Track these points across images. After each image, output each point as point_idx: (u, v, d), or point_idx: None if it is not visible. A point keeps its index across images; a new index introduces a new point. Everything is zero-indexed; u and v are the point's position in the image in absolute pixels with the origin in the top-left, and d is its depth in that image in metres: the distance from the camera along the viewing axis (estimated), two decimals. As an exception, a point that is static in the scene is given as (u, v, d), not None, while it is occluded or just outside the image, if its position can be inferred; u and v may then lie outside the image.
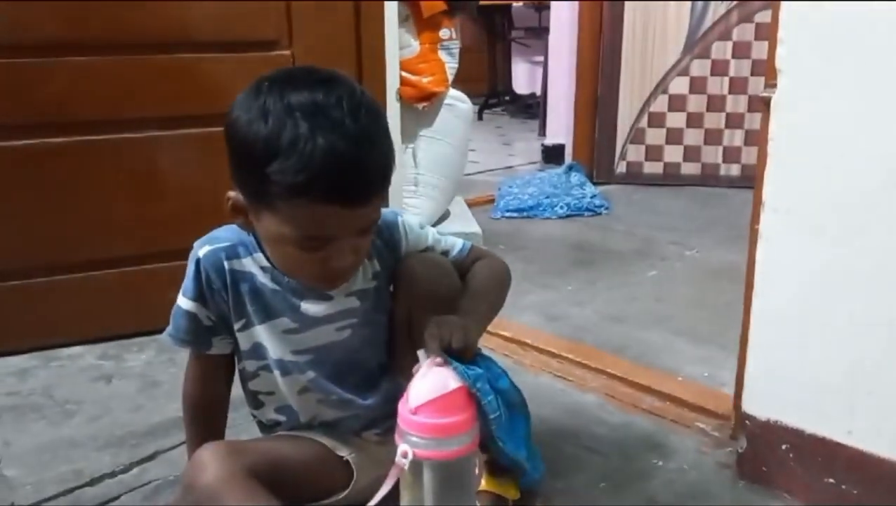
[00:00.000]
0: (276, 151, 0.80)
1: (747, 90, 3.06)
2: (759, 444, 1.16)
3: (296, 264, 0.91)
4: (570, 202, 2.85)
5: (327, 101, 0.81)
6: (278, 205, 0.83)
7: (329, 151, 0.79)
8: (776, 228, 1.10)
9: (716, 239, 2.46)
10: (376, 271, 1.01)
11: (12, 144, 1.54)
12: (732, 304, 1.27)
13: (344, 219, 0.84)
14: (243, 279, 0.96)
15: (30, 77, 1.53)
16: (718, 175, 3.18)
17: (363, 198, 0.84)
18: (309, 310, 0.97)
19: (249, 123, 0.82)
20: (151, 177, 1.66)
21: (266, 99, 0.82)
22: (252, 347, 1.00)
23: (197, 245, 0.98)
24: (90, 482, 1.18)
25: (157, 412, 1.38)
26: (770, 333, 1.14)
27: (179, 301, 0.97)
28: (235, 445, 0.96)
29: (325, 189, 0.80)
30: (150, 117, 1.64)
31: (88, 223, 1.62)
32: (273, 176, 0.80)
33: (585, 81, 3.27)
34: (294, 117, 0.80)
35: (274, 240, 0.89)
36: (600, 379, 1.51)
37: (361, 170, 0.82)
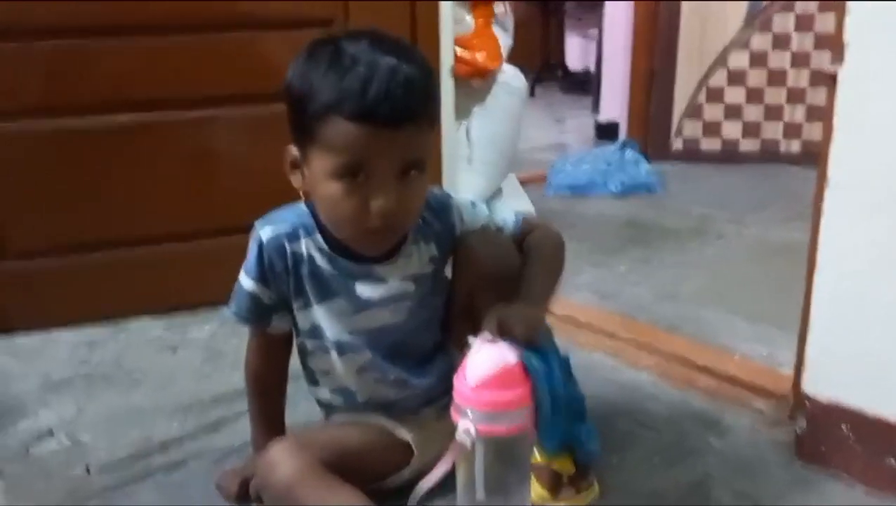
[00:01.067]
0: (314, 81, 0.87)
1: (810, 64, 2.97)
2: (818, 424, 1.15)
3: (340, 208, 0.90)
4: (625, 180, 2.81)
5: (371, 42, 0.88)
6: (318, 134, 0.88)
7: (364, 72, 0.85)
8: (840, 205, 1.08)
9: (775, 217, 2.41)
10: (433, 256, 1.03)
11: (80, 123, 1.59)
12: (791, 282, 1.25)
13: (377, 143, 0.86)
14: (302, 261, 0.99)
15: (89, 57, 1.57)
16: (779, 152, 3.11)
17: (393, 119, 0.86)
18: (363, 293, 1.00)
19: (296, 68, 0.91)
20: (211, 154, 1.70)
21: (316, 46, 0.90)
22: (310, 328, 1.03)
23: (258, 226, 1.00)
24: (160, 448, 1.23)
25: (221, 382, 1.43)
26: (832, 313, 1.12)
27: (241, 280, 1.00)
28: (302, 438, 0.99)
29: (356, 105, 0.84)
30: (209, 96, 1.67)
31: (154, 198, 1.67)
32: (313, 100, 0.87)
33: (641, 56, 3.22)
34: (337, 53, 0.87)
35: (321, 180, 0.91)
36: (654, 357, 1.50)
37: (393, 90, 0.85)
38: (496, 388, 0.85)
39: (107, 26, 1.57)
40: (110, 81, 1.59)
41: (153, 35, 1.60)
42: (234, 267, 1.73)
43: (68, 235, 1.63)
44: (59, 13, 1.53)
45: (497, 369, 0.85)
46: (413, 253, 1.02)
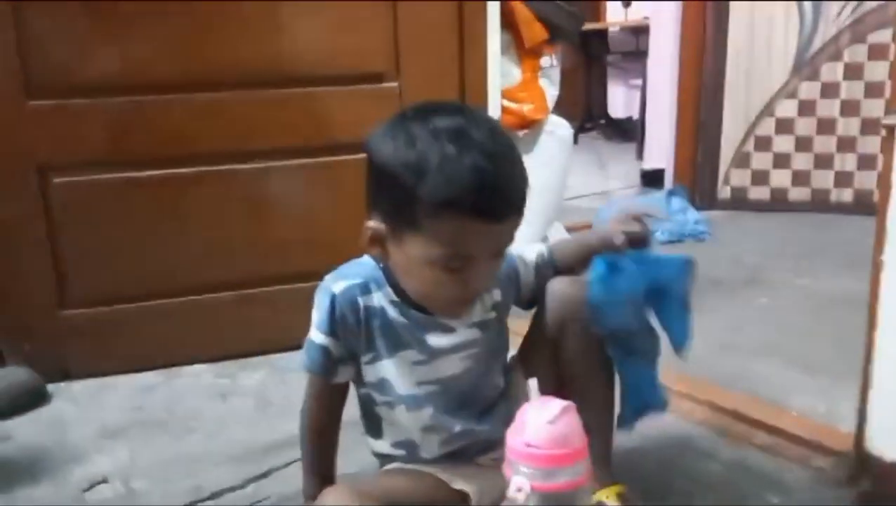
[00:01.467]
0: (425, 171, 0.85)
1: (860, 113, 2.94)
2: (883, 485, 1.11)
3: (434, 288, 0.93)
4: (672, 228, 2.79)
5: (468, 125, 0.88)
6: (424, 224, 0.87)
7: (475, 168, 0.85)
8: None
9: (829, 267, 2.36)
10: (496, 302, 1.05)
11: (140, 175, 1.65)
12: (849, 334, 1.21)
13: (486, 236, 0.89)
14: (375, 315, 0.99)
15: (154, 113, 1.64)
16: (829, 200, 3.06)
17: (504, 214, 0.88)
18: (434, 342, 1.00)
19: (396, 149, 0.88)
20: (265, 205, 1.75)
21: (410, 126, 0.88)
22: (378, 381, 1.03)
23: (329, 281, 1.01)
24: (211, 496, 1.23)
25: (271, 430, 1.43)
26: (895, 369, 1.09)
27: (313, 335, 1.01)
28: (357, 486, 0.99)
29: (472, 203, 0.85)
30: (265, 149, 1.72)
31: (208, 248, 1.72)
32: (422, 194, 0.85)
33: (687, 104, 3.22)
34: (440, 140, 0.86)
35: (415, 264, 0.91)
36: (708, 412, 1.47)
37: (503, 187, 0.87)
38: (552, 443, 0.84)
39: (169, 83, 1.64)
40: (171, 135, 1.65)
41: (212, 91, 1.66)
42: (284, 315, 1.76)
43: (126, 284, 1.68)
44: (126, 70, 1.60)
45: (553, 425, 0.84)
46: (477, 301, 1.03)
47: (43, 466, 1.33)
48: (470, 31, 1.81)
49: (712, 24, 3.10)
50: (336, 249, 1.77)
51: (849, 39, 2.91)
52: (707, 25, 3.10)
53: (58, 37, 1.55)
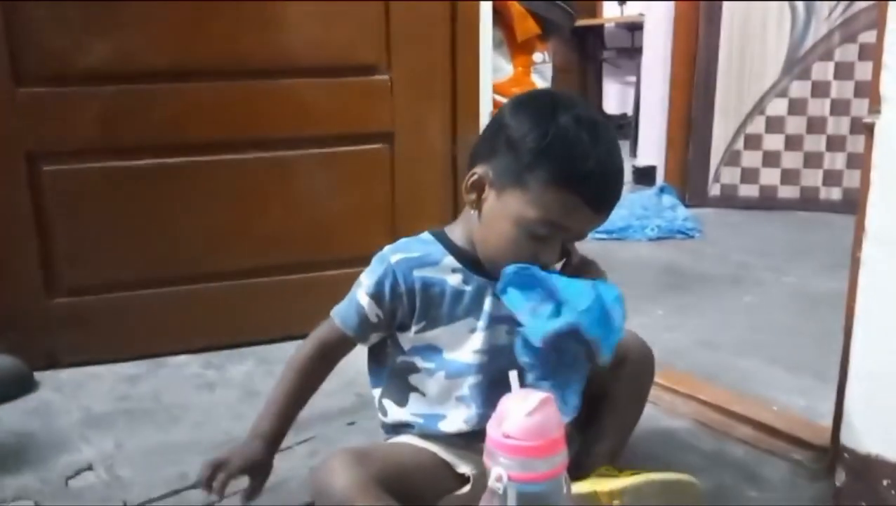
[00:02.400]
0: (558, 144, 0.93)
1: (850, 112, 2.96)
2: (857, 478, 1.12)
3: (508, 245, 0.98)
4: (662, 224, 2.81)
5: (602, 124, 0.98)
6: (533, 187, 0.94)
7: (602, 160, 0.94)
8: (879, 257, 1.07)
9: (815, 266, 2.38)
10: None
11: (130, 164, 1.65)
12: (832, 333, 1.23)
13: (582, 220, 0.97)
14: (434, 284, 1.03)
15: (146, 102, 1.64)
16: (818, 199, 3.08)
17: (607, 208, 0.98)
18: (490, 308, 1.04)
19: (538, 116, 0.96)
20: (256, 196, 1.75)
21: (556, 104, 0.97)
22: (424, 348, 1.06)
23: (388, 251, 1.05)
24: (194, 485, 1.23)
25: (256, 421, 1.44)
26: (872, 364, 1.10)
27: (357, 295, 1.05)
28: (362, 452, 0.99)
29: (592, 188, 0.94)
30: (256, 139, 1.72)
31: (197, 239, 1.72)
32: (550, 164, 0.93)
33: (679, 102, 3.23)
34: (580, 126, 0.94)
35: (505, 217, 0.97)
36: (691, 405, 1.48)
37: (618, 186, 0.98)
38: (530, 435, 0.85)
39: (162, 71, 1.64)
40: (162, 124, 1.65)
41: (204, 80, 1.66)
42: (273, 306, 1.78)
43: (115, 273, 1.68)
44: (118, 58, 1.60)
45: (532, 416, 0.85)
46: None
47: (28, 453, 1.33)
48: (462, 25, 1.82)
49: (705, 23, 3.11)
50: (327, 241, 1.80)
51: (840, 39, 2.93)
52: (700, 23, 3.12)
53: (48, 23, 1.54)
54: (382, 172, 1.80)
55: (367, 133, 1.78)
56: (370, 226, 1.81)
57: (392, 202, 1.81)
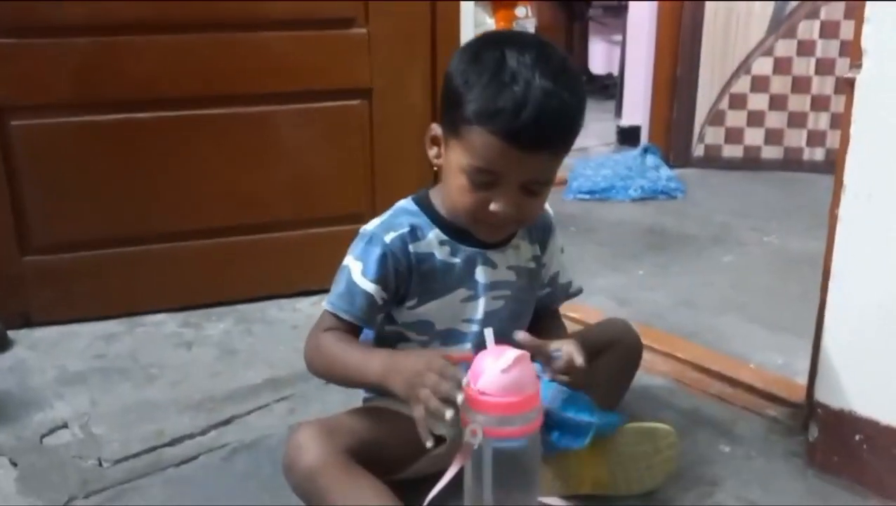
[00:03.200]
0: (475, 85, 0.91)
1: (835, 71, 2.94)
2: (831, 433, 1.14)
3: (461, 197, 0.97)
4: (645, 185, 2.80)
5: (536, 59, 0.91)
6: (464, 132, 0.93)
7: (520, 93, 0.89)
8: (857, 213, 1.07)
9: (796, 225, 2.38)
10: (536, 255, 1.11)
11: (106, 119, 1.61)
12: (811, 292, 1.23)
13: (513, 161, 0.92)
14: (425, 259, 1.03)
15: (120, 55, 1.59)
16: (801, 159, 3.07)
17: (535, 144, 0.92)
18: (480, 277, 1.05)
19: (462, 62, 0.95)
20: (233, 152, 1.71)
21: (484, 46, 0.95)
22: (418, 322, 1.06)
23: (379, 230, 1.03)
24: (171, 442, 1.24)
25: (234, 379, 1.44)
26: (846, 321, 1.11)
27: (358, 281, 1.01)
28: (331, 424, 0.99)
29: (505, 123, 0.89)
30: (233, 95, 1.69)
31: (174, 196, 1.69)
32: (467, 103, 0.92)
33: (664, 61, 3.19)
34: (502, 62, 0.91)
35: (453, 169, 0.97)
36: (669, 363, 1.49)
37: (542, 119, 0.90)
38: (505, 391, 0.85)
39: (136, 24, 1.59)
40: (136, 78, 1.61)
41: (179, 33, 1.61)
42: (251, 265, 1.76)
43: (90, 231, 1.66)
44: (92, 10, 1.55)
45: (507, 373, 0.85)
46: (521, 246, 1.09)
47: (2, 411, 1.32)
48: (443, -22, 1.78)
49: (692, -20, 3.06)
50: (305, 199, 1.78)
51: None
52: (686, -19, 3.07)
53: (16, -27, 1.49)
54: (361, 129, 1.77)
55: (344, 89, 1.74)
56: (349, 184, 1.79)
57: (371, 160, 1.78)
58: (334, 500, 0.91)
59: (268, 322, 1.69)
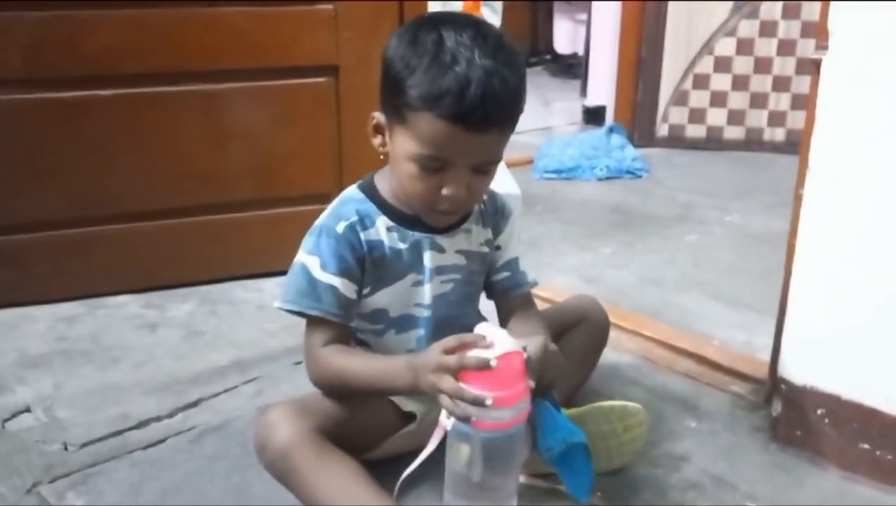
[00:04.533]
0: (416, 69, 0.90)
1: (796, 52, 2.98)
2: (794, 408, 1.16)
3: (413, 185, 0.96)
4: (610, 164, 2.82)
5: (473, 38, 0.90)
6: (409, 119, 0.92)
7: (462, 74, 0.88)
8: (821, 193, 1.09)
9: (758, 205, 2.42)
10: (488, 239, 1.10)
11: (62, 96, 1.57)
12: (773, 270, 1.26)
13: (462, 143, 0.91)
14: (376, 247, 1.02)
15: (77, 29, 1.54)
16: (762, 140, 3.12)
17: (482, 124, 0.90)
18: (429, 262, 1.04)
19: (399, 46, 0.93)
20: (193, 130, 1.68)
21: (420, 28, 0.93)
22: (371, 313, 1.05)
23: (330, 221, 1.01)
24: (137, 425, 1.22)
25: (200, 361, 1.42)
26: (809, 299, 1.13)
27: (319, 276, 0.99)
28: (303, 404, 0.98)
29: (451, 106, 0.88)
30: (195, 71, 1.64)
31: (134, 175, 1.65)
32: (410, 89, 0.90)
33: (629, 41, 3.21)
34: (440, 44, 0.90)
35: (401, 157, 0.95)
36: (636, 341, 1.51)
37: (487, 98, 0.88)
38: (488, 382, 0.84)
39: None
40: (93, 53, 1.56)
41: (137, 6, 1.57)
42: (215, 245, 1.73)
43: (47, 211, 1.61)
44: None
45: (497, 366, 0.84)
46: (472, 230, 1.08)
47: (-39, 396, 1.29)
48: (410, -46, 1.76)
49: (656, -40, 3.07)
50: (270, 178, 1.75)
51: (789, -23, 2.93)
52: (651, -40, 3.08)
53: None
54: (327, 108, 1.74)
55: (310, 66, 1.71)
56: (315, 163, 1.76)
57: (338, 139, 1.76)
58: (308, 478, 0.91)
59: (233, 303, 1.67)
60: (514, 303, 1.13)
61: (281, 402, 0.99)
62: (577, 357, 1.18)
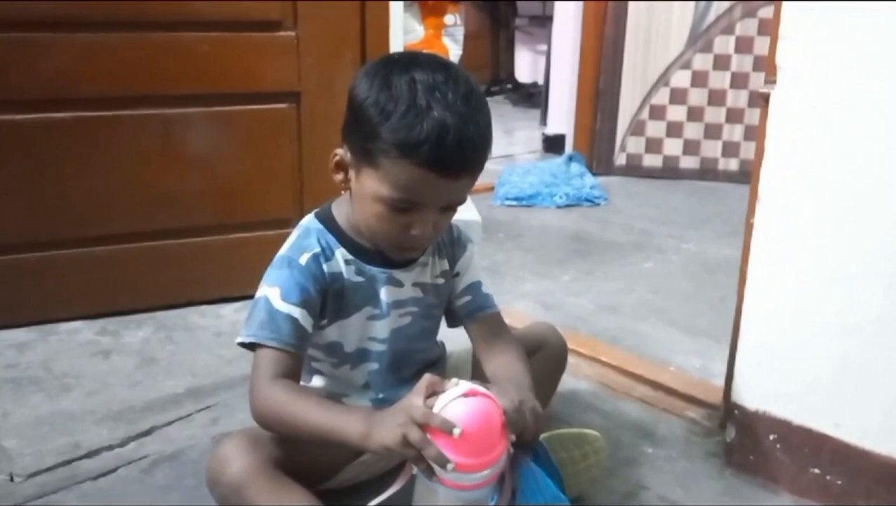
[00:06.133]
0: (391, 114, 0.88)
1: (748, 85, 3.07)
2: (747, 434, 1.18)
3: (378, 223, 0.95)
4: (570, 192, 2.86)
5: (445, 82, 0.90)
6: (382, 163, 0.90)
7: (440, 122, 0.87)
8: (771, 222, 1.12)
9: (713, 233, 2.47)
10: (444, 270, 1.09)
11: (16, 119, 1.54)
12: (727, 297, 1.28)
13: (437, 188, 0.91)
14: (336, 279, 1.01)
15: (34, 52, 1.53)
16: (717, 170, 3.19)
17: (458, 171, 0.91)
18: (386, 297, 1.04)
19: (371, 88, 0.91)
20: (152, 154, 1.66)
21: (392, 70, 0.91)
22: (327, 345, 1.05)
23: (293, 253, 1.00)
24: (88, 455, 1.19)
25: (154, 389, 1.39)
26: (761, 326, 1.16)
27: (279, 306, 0.96)
28: (256, 435, 0.96)
29: (429, 154, 0.88)
30: (154, 95, 1.64)
31: (87, 199, 1.63)
32: (385, 134, 0.88)
33: (588, 72, 3.27)
34: (415, 89, 0.89)
35: (368, 198, 0.94)
36: (594, 367, 1.52)
37: (463, 145, 0.89)
38: (465, 448, 0.81)
39: (50, 20, 1.52)
40: (50, 77, 1.54)
41: (99, 31, 1.56)
42: (171, 271, 1.71)
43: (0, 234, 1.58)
44: (2, 6, 1.48)
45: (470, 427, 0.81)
46: (428, 263, 1.07)
47: None
48: (372, -17, 1.78)
49: (613, -5, 3.14)
50: (229, 203, 1.74)
51: (741, 13, 3.02)
52: (609, -5, 3.15)
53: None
54: (289, 134, 1.74)
55: (272, 92, 1.72)
56: (276, 189, 1.76)
57: (299, 165, 1.76)
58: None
59: (189, 329, 1.65)
60: (484, 329, 1.10)
61: (233, 433, 0.97)
62: (536, 384, 1.18)
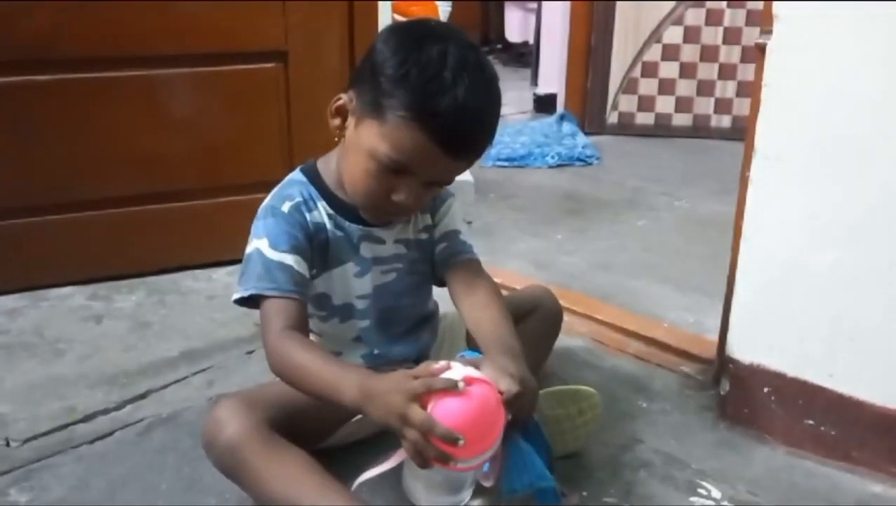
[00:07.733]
0: (416, 78, 0.87)
1: (741, 40, 3.04)
2: (741, 387, 1.19)
3: (365, 181, 0.94)
4: (561, 152, 2.84)
5: (475, 65, 0.90)
6: (389, 119, 0.89)
7: (461, 102, 0.87)
8: (766, 175, 1.11)
9: (705, 190, 2.47)
10: (427, 224, 1.09)
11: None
12: (720, 254, 1.28)
13: (434, 162, 0.90)
14: (320, 230, 1.01)
15: (13, 11, 1.48)
16: (710, 126, 3.18)
17: (460, 153, 0.91)
18: (366, 253, 1.04)
19: (403, 47, 0.89)
20: (137, 117, 1.63)
21: (428, 36, 0.90)
22: (315, 296, 1.04)
23: (275, 202, 1.00)
24: (83, 419, 1.19)
25: (148, 352, 1.39)
26: (756, 279, 1.15)
27: (271, 255, 0.95)
28: (251, 396, 0.97)
29: (440, 127, 0.87)
30: (138, 56, 1.60)
31: (76, 163, 1.60)
32: (403, 93, 0.87)
33: (579, 30, 3.23)
34: (445, 61, 0.87)
35: (362, 150, 0.93)
36: (588, 325, 1.52)
37: (474, 130, 0.91)
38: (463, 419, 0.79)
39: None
40: (33, 37, 1.51)
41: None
42: (162, 235, 1.70)
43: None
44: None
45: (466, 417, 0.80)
46: (411, 219, 1.07)
47: None
48: (360, -61, 1.73)
49: (605, -52, 3.09)
50: (218, 166, 1.72)
51: (734, -34, 2.98)
52: (600, -51, 3.10)
53: None
54: (276, 93, 1.71)
55: (258, 51, 1.68)
56: (265, 150, 1.73)
57: (288, 125, 1.74)
58: (257, 473, 0.90)
59: (182, 293, 1.64)
60: (460, 275, 1.06)
61: (229, 395, 0.97)
62: (532, 346, 1.18)
